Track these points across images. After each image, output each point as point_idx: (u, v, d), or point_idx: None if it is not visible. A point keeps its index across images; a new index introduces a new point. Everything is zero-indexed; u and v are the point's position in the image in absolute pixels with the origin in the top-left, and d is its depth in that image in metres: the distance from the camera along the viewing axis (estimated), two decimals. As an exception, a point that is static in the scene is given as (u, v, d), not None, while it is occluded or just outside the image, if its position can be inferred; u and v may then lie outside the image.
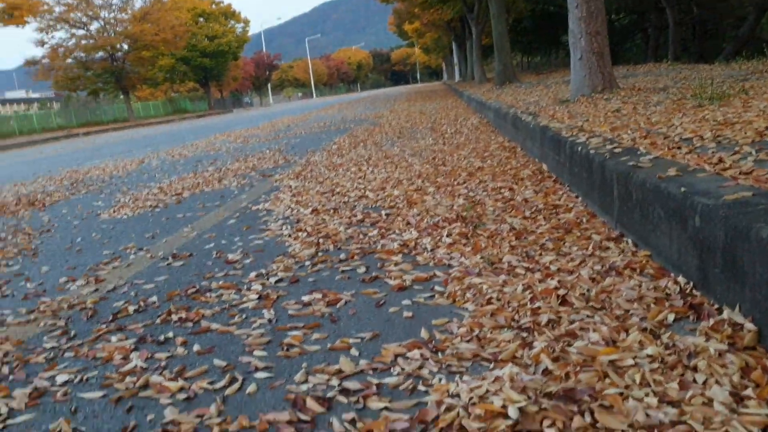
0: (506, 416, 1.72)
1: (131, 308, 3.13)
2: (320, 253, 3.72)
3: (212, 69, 61.98)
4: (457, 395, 1.89)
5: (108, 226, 5.53)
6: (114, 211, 6.27)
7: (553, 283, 2.65)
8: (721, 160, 2.96)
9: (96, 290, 3.54)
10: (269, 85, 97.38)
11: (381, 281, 3.13)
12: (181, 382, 2.24)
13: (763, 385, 1.68)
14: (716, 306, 2.21)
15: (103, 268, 4.03)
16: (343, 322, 2.66)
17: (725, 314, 2.07)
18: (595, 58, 7.82)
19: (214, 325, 2.75)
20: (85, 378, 2.39)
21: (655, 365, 1.87)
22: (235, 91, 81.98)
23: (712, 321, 2.07)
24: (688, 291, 2.38)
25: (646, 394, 1.73)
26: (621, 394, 1.75)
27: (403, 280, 3.06)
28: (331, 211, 4.89)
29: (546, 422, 1.68)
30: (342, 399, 2.00)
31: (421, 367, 2.15)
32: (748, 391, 1.66)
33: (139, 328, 2.86)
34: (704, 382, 1.75)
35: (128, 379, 2.33)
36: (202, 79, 63.73)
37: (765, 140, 3.34)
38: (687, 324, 2.18)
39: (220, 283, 3.36)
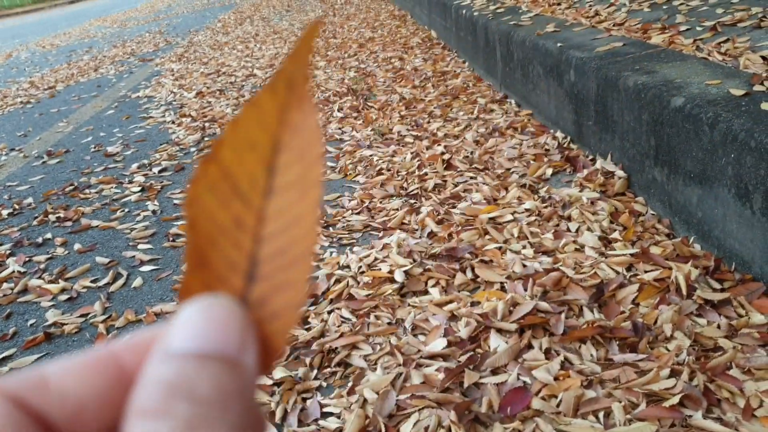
0: (393, 280, 1.75)
1: (5, 212, 2.93)
2: (206, 138, 3.58)
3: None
4: (347, 266, 1.91)
5: (-26, 128, 5.08)
6: (-21, 112, 5.75)
7: (439, 149, 2.66)
8: (597, 13, 2.98)
9: (-36, 197, 3.28)
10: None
11: (271, 162, 3.05)
12: (62, 284, 2.15)
13: (630, 227, 1.78)
14: (591, 157, 2.29)
15: (-29, 173, 3.73)
16: (232, 206, 2.59)
17: (598, 164, 2.15)
18: None
19: (95, 222, 2.63)
20: (-42, 289, 2.26)
21: (532, 218, 1.94)
22: (107, -30, 74.94)
23: (586, 171, 2.15)
24: (565, 145, 2.45)
25: (524, 247, 1.80)
26: (500, 248, 1.81)
27: (293, 159, 2.99)
28: (217, 92, 4.66)
29: (430, 282, 1.73)
30: (232, 282, 1.98)
31: (311, 243, 2.14)
32: (616, 234, 1.76)
33: (15, 231, 2.69)
34: (577, 230, 1.83)
35: (5, 285, 2.22)
36: (67, -42, 57.65)
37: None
38: (564, 176, 2.26)
39: (100, 178, 3.18)
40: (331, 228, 2.23)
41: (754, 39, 2.02)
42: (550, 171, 2.28)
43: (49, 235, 2.59)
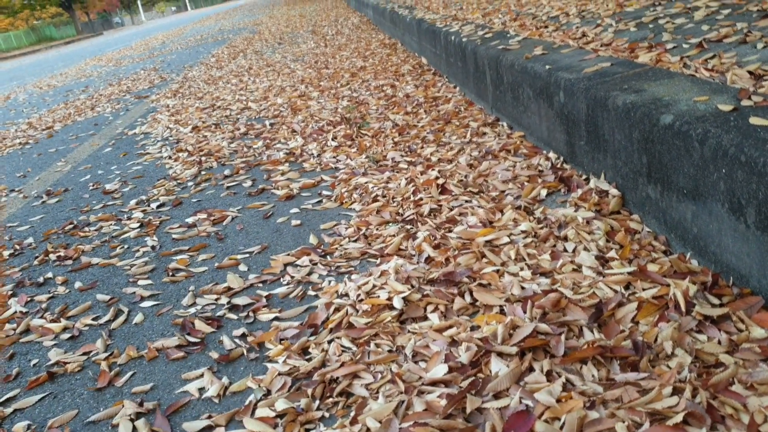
0: (392, 307, 1.75)
1: (6, 253, 2.94)
2: (203, 172, 3.60)
3: (72, -12, 56.66)
4: (346, 294, 1.91)
5: (-28, 171, 5.11)
6: (-23, 154, 5.78)
7: (433, 173, 2.68)
8: (584, 35, 3.02)
9: (-37, 240, 3.29)
10: (139, 1, 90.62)
11: (268, 193, 3.08)
12: (64, 322, 2.15)
13: (626, 245, 1.79)
14: (584, 177, 2.30)
15: (-30, 215, 3.74)
16: (230, 239, 2.60)
17: (592, 183, 2.16)
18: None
19: (95, 260, 2.63)
20: (-42, 333, 2.25)
21: (529, 240, 1.95)
22: (103, 12, 75.71)
23: (580, 191, 2.16)
24: (558, 165, 2.46)
25: (521, 269, 1.80)
26: (497, 271, 1.82)
27: (291, 189, 3.01)
28: (213, 126, 4.70)
29: (429, 307, 1.73)
30: (231, 316, 1.98)
31: (310, 273, 2.15)
32: (612, 253, 1.77)
33: (16, 272, 2.70)
34: (573, 250, 1.84)
35: (8, 326, 2.22)
36: (64, 2, 58.25)
37: (624, 11, 3.43)
38: (559, 197, 2.27)
39: (99, 215, 3.20)
40: (328, 257, 2.24)
41: (741, 54, 2.04)
42: (544, 192, 2.29)
43: (50, 275, 2.59)
